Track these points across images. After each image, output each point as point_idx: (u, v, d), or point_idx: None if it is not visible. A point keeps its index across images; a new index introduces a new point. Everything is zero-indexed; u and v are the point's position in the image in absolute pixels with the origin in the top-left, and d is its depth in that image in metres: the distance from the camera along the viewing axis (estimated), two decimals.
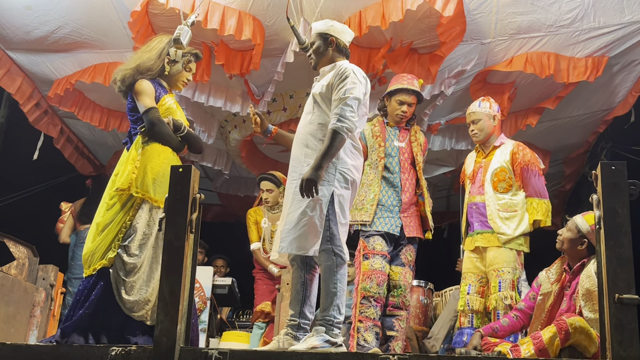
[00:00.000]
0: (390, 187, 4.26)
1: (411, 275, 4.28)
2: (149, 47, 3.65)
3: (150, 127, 3.43)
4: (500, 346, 3.37)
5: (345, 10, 4.70)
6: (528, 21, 4.88)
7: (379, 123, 4.44)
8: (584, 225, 3.51)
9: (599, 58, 5.05)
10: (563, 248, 3.58)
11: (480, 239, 4.08)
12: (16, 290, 4.37)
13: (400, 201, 4.24)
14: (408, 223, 4.23)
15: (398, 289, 4.21)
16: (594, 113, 6.00)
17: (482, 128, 4.27)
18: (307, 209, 3.24)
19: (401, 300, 4.22)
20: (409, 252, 4.25)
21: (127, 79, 3.52)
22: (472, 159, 4.41)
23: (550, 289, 3.62)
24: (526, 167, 4.13)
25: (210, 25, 4.60)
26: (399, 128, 4.43)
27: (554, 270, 3.67)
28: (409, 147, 4.39)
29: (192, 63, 3.71)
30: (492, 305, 3.90)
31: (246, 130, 6.12)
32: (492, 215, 4.05)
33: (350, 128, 3.26)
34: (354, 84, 3.34)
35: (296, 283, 3.41)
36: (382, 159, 4.30)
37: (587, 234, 3.49)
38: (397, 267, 4.22)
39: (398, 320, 4.20)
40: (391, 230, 4.17)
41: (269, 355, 2.80)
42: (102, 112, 6.11)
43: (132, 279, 3.26)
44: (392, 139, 4.37)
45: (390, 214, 4.19)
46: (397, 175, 4.29)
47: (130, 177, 3.34)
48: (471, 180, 4.28)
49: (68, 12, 5.04)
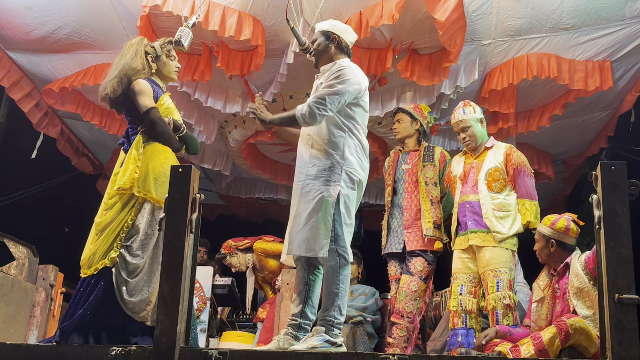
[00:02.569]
0: (397, 208, 4.59)
1: (417, 285, 4.36)
2: (122, 53, 3.64)
3: (152, 127, 3.42)
4: (500, 346, 3.37)
5: (345, 10, 4.70)
6: (528, 23, 4.88)
7: (394, 153, 4.80)
8: (544, 229, 3.70)
9: (601, 63, 5.05)
10: (543, 259, 3.75)
11: (475, 238, 4.07)
12: (16, 290, 4.38)
13: (402, 219, 4.51)
14: (411, 238, 4.44)
15: (399, 295, 4.37)
16: (594, 115, 6.00)
17: (473, 134, 4.27)
18: (314, 210, 3.24)
19: (401, 307, 4.31)
20: (418, 263, 4.40)
21: (117, 88, 3.48)
22: (460, 161, 4.38)
23: (543, 294, 3.70)
24: (519, 168, 4.16)
25: (210, 26, 4.60)
26: (408, 152, 4.69)
27: (543, 278, 3.77)
28: (414, 167, 4.59)
29: (172, 50, 3.70)
30: (491, 305, 3.90)
31: (246, 130, 6.12)
32: (488, 214, 4.05)
33: (309, 119, 3.30)
34: (343, 80, 3.33)
35: (299, 283, 3.41)
36: (388, 186, 4.69)
37: (550, 235, 3.66)
38: (405, 275, 4.41)
39: (397, 329, 4.31)
40: (394, 249, 4.51)
41: (269, 355, 2.80)
42: (103, 112, 6.12)
43: (135, 280, 3.25)
44: (402, 163, 4.69)
45: (396, 234, 4.54)
46: (401, 195, 4.59)
47: (132, 177, 3.33)
48: (462, 180, 4.27)
49: (68, 12, 5.04)
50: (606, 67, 5.06)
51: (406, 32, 4.87)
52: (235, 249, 5.65)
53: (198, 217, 2.80)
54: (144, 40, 3.67)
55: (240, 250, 5.65)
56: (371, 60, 5.00)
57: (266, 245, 5.50)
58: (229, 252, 5.67)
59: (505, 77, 5.17)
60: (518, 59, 5.15)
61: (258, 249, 5.52)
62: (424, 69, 5.00)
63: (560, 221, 3.66)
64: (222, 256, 5.74)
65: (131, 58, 3.55)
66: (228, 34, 4.64)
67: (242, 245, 5.65)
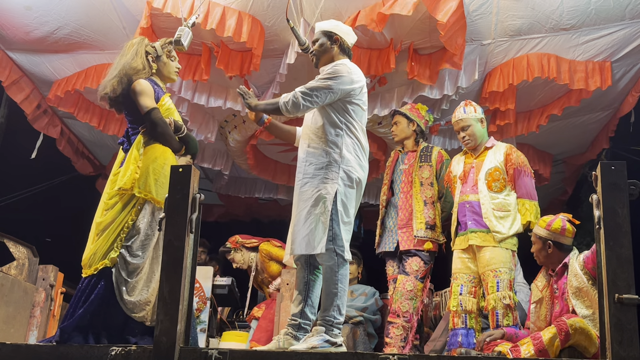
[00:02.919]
0: (393, 207, 4.60)
1: (412, 284, 4.36)
2: (122, 53, 3.64)
3: (153, 127, 3.42)
4: (500, 346, 3.37)
5: (345, 10, 4.70)
6: (528, 23, 4.88)
7: (394, 153, 4.82)
8: (540, 231, 3.69)
9: (601, 64, 5.05)
10: (541, 261, 3.73)
11: (475, 238, 4.07)
12: (16, 290, 4.38)
13: (397, 219, 4.52)
14: (404, 238, 4.45)
15: (395, 295, 4.38)
16: (594, 115, 6.00)
17: (473, 133, 4.28)
18: (312, 207, 3.25)
19: (397, 306, 4.33)
20: (414, 262, 4.40)
21: (117, 88, 3.49)
22: (460, 161, 4.39)
23: (541, 295, 3.69)
24: (519, 169, 4.17)
25: (209, 26, 4.60)
26: (407, 152, 4.71)
27: (541, 279, 3.77)
28: (411, 168, 4.62)
29: (173, 50, 3.70)
30: (491, 305, 3.90)
31: (246, 130, 6.12)
32: (488, 214, 4.05)
33: (292, 108, 3.34)
34: (336, 77, 3.33)
35: (299, 283, 3.41)
36: (384, 185, 4.71)
37: (546, 236, 3.65)
38: (401, 275, 4.42)
39: (393, 328, 4.32)
40: (387, 248, 4.53)
41: (268, 355, 2.80)
42: (102, 113, 6.12)
43: (135, 280, 3.25)
44: (400, 163, 4.71)
45: (390, 233, 4.55)
46: (397, 195, 4.61)
47: (133, 177, 3.33)
48: (462, 180, 4.27)
49: (68, 12, 5.04)
50: (606, 68, 5.06)
51: (406, 32, 4.87)
52: (241, 246, 5.62)
53: (198, 217, 2.80)
54: (145, 40, 3.68)
55: (246, 247, 5.62)
56: (371, 60, 5.00)
57: (272, 249, 5.48)
58: (234, 247, 5.63)
59: (506, 77, 5.17)
60: (518, 59, 5.14)
61: (264, 250, 5.50)
62: (424, 69, 5.01)
63: (555, 222, 3.66)
64: (226, 249, 5.71)
65: (132, 58, 3.55)
66: (227, 34, 4.64)
67: (249, 243, 5.61)
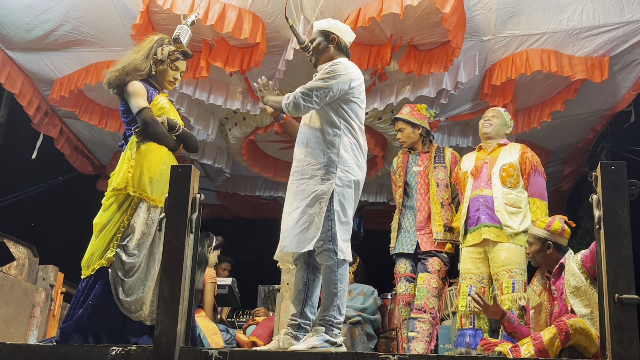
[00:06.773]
0: (409, 209, 4.65)
1: (437, 282, 4.42)
2: (139, 48, 3.63)
3: (144, 127, 3.41)
4: (500, 346, 3.37)
5: (345, 8, 4.70)
6: (528, 19, 4.88)
7: (403, 153, 4.83)
8: (539, 232, 3.68)
9: (600, 59, 5.05)
10: (538, 262, 3.72)
11: (488, 232, 4.10)
12: (16, 290, 4.38)
13: (415, 220, 4.57)
14: (424, 240, 4.50)
15: (420, 292, 4.40)
16: (593, 112, 6.00)
17: (496, 125, 4.39)
18: (307, 207, 3.24)
19: (423, 302, 4.36)
20: (435, 262, 4.47)
21: (113, 82, 3.50)
22: (471, 157, 4.44)
23: (539, 299, 3.69)
24: (534, 168, 4.22)
25: (209, 22, 4.60)
26: (419, 153, 4.75)
27: (536, 283, 3.77)
28: (426, 169, 4.65)
29: (181, 61, 3.66)
30: (507, 305, 3.91)
31: (247, 127, 6.12)
32: (500, 208, 4.10)
33: (293, 109, 3.35)
34: (334, 75, 3.33)
35: (298, 283, 3.41)
36: (399, 188, 4.72)
37: (546, 237, 3.64)
38: (423, 273, 4.46)
39: (420, 322, 4.34)
40: (406, 249, 4.55)
41: (268, 355, 2.80)
42: (102, 111, 6.11)
43: (131, 279, 3.25)
44: (413, 165, 4.74)
45: (408, 234, 4.59)
46: (414, 197, 4.64)
47: (126, 177, 3.33)
48: (474, 175, 4.31)
49: (68, 10, 5.05)
50: (604, 62, 5.06)
51: (406, 28, 4.87)
52: None
53: (198, 217, 2.80)
54: (164, 40, 3.63)
55: None
56: (371, 56, 5.00)
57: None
58: None
59: (505, 73, 5.18)
60: (518, 54, 5.15)
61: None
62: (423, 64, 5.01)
63: (555, 223, 3.67)
64: None
65: (142, 58, 3.55)
66: (226, 30, 4.64)
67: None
